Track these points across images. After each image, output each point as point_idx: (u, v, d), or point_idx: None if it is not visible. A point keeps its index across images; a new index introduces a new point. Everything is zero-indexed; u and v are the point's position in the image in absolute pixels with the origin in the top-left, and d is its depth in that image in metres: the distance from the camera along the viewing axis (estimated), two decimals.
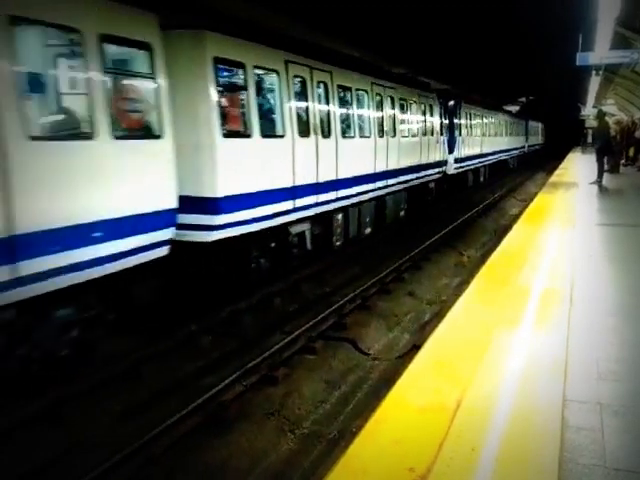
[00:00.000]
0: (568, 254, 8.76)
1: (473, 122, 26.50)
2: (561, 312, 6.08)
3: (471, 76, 25.26)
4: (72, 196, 6.18)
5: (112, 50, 6.85)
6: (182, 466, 5.68)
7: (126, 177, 6.89)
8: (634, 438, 3.84)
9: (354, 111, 13.33)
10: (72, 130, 6.46)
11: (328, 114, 12.02)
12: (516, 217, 16.33)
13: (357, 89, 13.52)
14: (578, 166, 29.09)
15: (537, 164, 47.84)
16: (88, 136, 6.39)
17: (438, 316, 8.65)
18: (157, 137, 7.38)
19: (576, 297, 6.61)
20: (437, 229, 16.80)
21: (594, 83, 29.15)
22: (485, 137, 29.33)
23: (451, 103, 22.35)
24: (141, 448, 5.63)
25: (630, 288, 7.26)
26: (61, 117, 6.73)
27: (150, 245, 7.26)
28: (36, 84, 6.41)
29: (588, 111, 46.63)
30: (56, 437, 5.96)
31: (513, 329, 5.60)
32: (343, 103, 12.81)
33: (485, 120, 29.55)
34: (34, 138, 5.73)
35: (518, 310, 6.18)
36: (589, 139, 40.15)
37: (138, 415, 6.38)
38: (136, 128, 7.43)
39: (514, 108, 42.75)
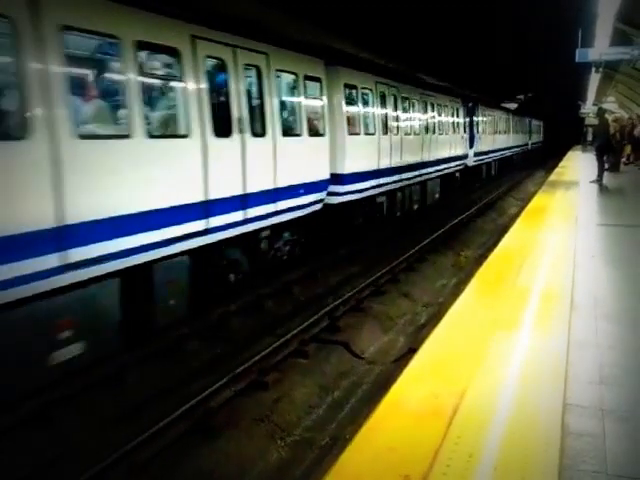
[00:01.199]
0: (569, 255, 8.59)
1: (488, 121, 30.93)
2: (562, 315, 5.91)
3: (469, 72, 25.46)
4: (293, 167, 10.74)
5: (308, 83, 11.60)
6: (169, 473, 5.55)
7: (311, 158, 11.62)
8: (637, 444, 3.70)
9: (411, 114, 18.02)
10: (294, 130, 11.07)
11: (397, 118, 16.58)
12: (515, 216, 16.23)
13: (412, 98, 18.14)
14: (578, 164, 29.06)
15: (537, 162, 48.71)
16: (299, 134, 11.14)
17: (435, 318, 8.52)
18: (322, 135, 12.13)
19: (577, 299, 6.43)
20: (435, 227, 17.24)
21: (594, 80, 29.04)
22: (497, 135, 33.61)
23: (471, 105, 26.38)
24: (127, 455, 5.49)
25: (632, 291, 7.07)
26: (290, 124, 11.15)
27: (317, 201, 11.93)
28: (284, 107, 11.10)
29: (588, 108, 46.48)
30: (43, 441, 5.86)
31: (512, 332, 5.44)
32: (405, 109, 17.43)
33: (497, 120, 33.89)
34: (284, 135, 10.46)
35: (518, 312, 6.01)
36: (589, 137, 39.76)
37: (123, 421, 6.24)
38: (315, 129, 11.96)
39: (512, 105, 42.85)
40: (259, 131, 9.64)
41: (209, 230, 8.28)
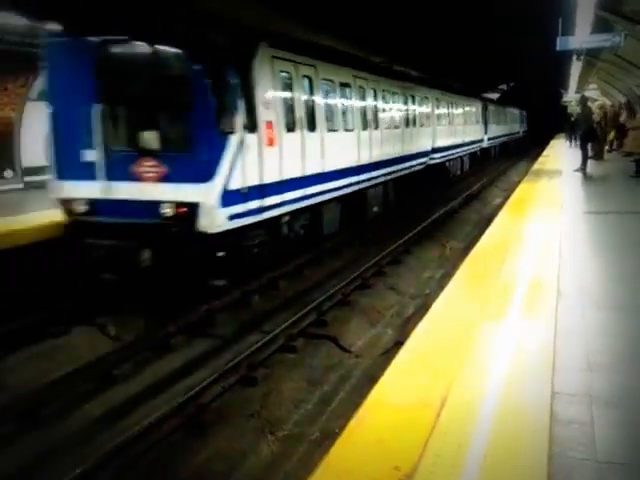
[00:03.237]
0: (555, 244, 8.58)
1: (495, 114, 39.78)
2: (549, 304, 5.89)
3: (450, 62, 25.97)
4: (421, 142, 21.07)
5: (424, 99, 22.02)
6: (160, 471, 5.51)
7: (426, 137, 21.51)
8: (625, 430, 3.72)
9: (458, 111, 27.97)
10: (423, 122, 21.33)
11: (453, 114, 26.48)
12: (500, 206, 16.29)
13: (458, 102, 27.97)
14: (561, 153, 29.19)
15: (522, 150, 50.54)
16: (423, 125, 21.06)
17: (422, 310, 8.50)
18: (429, 126, 21.86)
19: (564, 288, 6.42)
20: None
21: (576, 68, 29.13)
22: (500, 125, 42.66)
23: (484, 103, 35.64)
24: (118, 452, 5.43)
25: (620, 278, 7.07)
26: (422, 120, 21.20)
27: (423, 162, 21.10)
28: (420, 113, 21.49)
29: (571, 97, 46.53)
30: (31, 440, 5.82)
31: (499, 322, 5.42)
32: (456, 108, 27.40)
33: (501, 112, 43.16)
34: (420, 127, 21.04)
35: (504, 302, 5.98)
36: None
37: (113, 419, 6.20)
38: (425, 123, 21.29)
39: (494, 95, 44.14)
40: (409, 124, 19.49)
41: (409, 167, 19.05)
